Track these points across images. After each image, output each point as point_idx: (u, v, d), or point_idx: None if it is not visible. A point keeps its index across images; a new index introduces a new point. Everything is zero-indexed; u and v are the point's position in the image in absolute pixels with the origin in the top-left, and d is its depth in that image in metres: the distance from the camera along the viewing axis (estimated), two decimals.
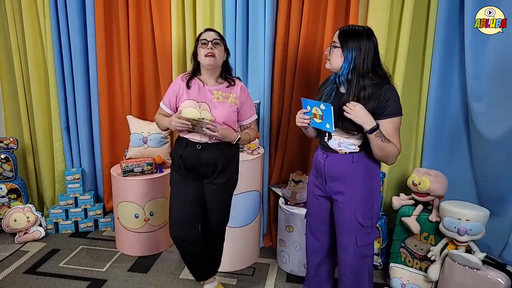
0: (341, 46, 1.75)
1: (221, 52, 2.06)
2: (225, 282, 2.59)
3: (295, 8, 2.67)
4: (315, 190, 1.99)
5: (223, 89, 2.11)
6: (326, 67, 1.85)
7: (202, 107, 2.06)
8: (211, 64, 2.03)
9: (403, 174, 2.76)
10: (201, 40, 2.05)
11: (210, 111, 2.06)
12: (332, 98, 1.84)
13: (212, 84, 2.11)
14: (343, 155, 1.84)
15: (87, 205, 3.21)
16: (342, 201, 1.86)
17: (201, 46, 2.04)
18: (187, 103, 2.07)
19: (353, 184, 1.84)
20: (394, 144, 1.74)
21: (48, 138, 3.30)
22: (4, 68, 3.26)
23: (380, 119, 1.73)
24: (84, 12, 2.98)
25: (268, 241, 3.05)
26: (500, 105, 2.31)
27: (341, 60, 1.76)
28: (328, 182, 1.90)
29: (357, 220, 1.84)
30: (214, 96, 2.08)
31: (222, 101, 2.08)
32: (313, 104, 1.78)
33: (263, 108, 2.85)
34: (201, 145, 2.08)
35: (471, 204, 2.30)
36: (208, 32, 2.09)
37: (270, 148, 2.96)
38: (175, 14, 2.83)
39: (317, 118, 1.79)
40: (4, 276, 2.61)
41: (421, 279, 2.39)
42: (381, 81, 1.75)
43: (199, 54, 2.06)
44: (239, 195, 2.58)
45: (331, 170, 1.87)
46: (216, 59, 2.04)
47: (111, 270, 2.71)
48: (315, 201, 2.00)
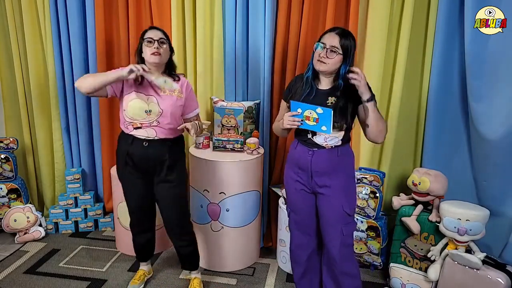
0: (343, 52, 1.79)
1: (166, 50, 2.12)
2: (225, 282, 2.59)
3: (295, 8, 2.67)
4: (297, 186, 2.01)
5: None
6: (320, 69, 1.85)
7: (150, 100, 2.11)
8: (157, 62, 2.08)
9: (403, 174, 2.76)
10: (146, 38, 2.08)
11: (158, 104, 2.10)
12: (313, 96, 1.89)
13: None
14: (329, 149, 1.90)
15: (87, 205, 3.21)
16: (329, 193, 1.92)
17: (147, 45, 2.08)
18: (134, 95, 2.11)
19: (338, 176, 1.91)
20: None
21: (48, 138, 3.30)
22: (4, 68, 3.26)
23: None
24: (84, 12, 2.98)
25: (268, 241, 3.05)
26: (500, 105, 2.31)
27: (340, 64, 1.81)
28: (314, 177, 1.93)
29: (344, 210, 1.91)
30: (161, 90, 2.12)
31: (169, 94, 2.13)
32: (306, 108, 1.81)
33: (263, 108, 2.86)
34: (148, 142, 2.12)
35: (471, 204, 2.30)
36: (153, 30, 2.12)
37: (270, 148, 2.96)
38: (175, 14, 2.84)
39: (310, 121, 1.81)
40: (4, 276, 2.60)
41: (421, 279, 2.39)
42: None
43: (144, 52, 2.10)
44: (239, 195, 2.58)
45: (319, 166, 1.91)
46: (162, 57, 2.09)
47: (111, 270, 2.71)
48: (298, 196, 2.02)
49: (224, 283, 2.58)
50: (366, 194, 2.56)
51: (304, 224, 2.07)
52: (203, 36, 2.83)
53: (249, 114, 2.85)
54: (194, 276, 2.47)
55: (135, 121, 2.11)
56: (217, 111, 2.83)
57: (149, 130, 2.11)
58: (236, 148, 2.68)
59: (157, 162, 2.15)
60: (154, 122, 2.11)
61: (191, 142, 2.97)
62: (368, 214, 2.58)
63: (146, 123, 2.10)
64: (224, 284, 2.57)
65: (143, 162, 2.15)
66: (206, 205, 2.60)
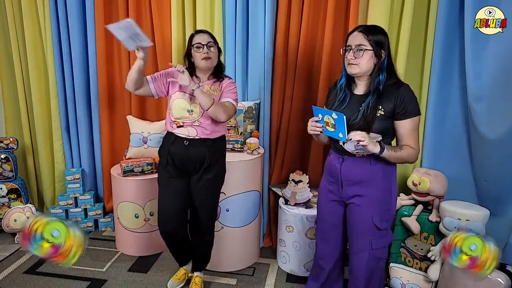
0: (372, 48, 1.69)
1: (215, 53, 2.15)
2: (225, 282, 2.59)
3: (295, 8, 2.67)
4: (329, 196, 1.93)
5: (212, 83, 2.20)
6: (352, 72, 1.75)
7: (193, 100, 2.13)
8: (209, 66, 2.13)
9: (403, 174, 2.76)
10: (195, 44, 2.11)
11: (199, 103, 2.11)
12: (347, 103, 1.80)
13: (203, 80, 2.20)
14: (360, 158, 1.79)
15: (87, 205, 3.21)
16: (359, 203, 1.82)
17: (196, 50, 2.11)
18: (178, 95, 2.15)
19: (371, 187, 1.79)
20: (409, 146, 1.72)
21: (48, 138, 3.30)
22: (4, 68, 3.26)
23: (400, 120, 1.72)
24: (84, 12, 2.98)
25: (268, 241, 3.05)
26: (500, 105, 2.30)
27: (373, 63, 1.71)
28: (345, 187, 1.85)
29: (373, 222, 1.80)
30: (204, 89, 2.14)
31: (212, 94, 2.15)
32: (325, 113, 1.73)
33: (263, 108, 2.85)
34: (189, 141, 2.13)
35: (471, 204, 2.30)
36: (201, 34, 2.13)
37: (270, 148, 2.96)
38: (175, 14, 2.83)
39: (330, 127, 1.73)
40: (4, 276, 2.61)
41: (421, 279, 2.39)
42: (396, 81, 1.75)
43: (194, 57, 2.14)
44: (239, 195, 2.58)
45: (349, 175, 1.82)
46: (213, 60, 2.13)
47: (111, 270, 2.71)
48: (328, 207, 1.96)
49: (224, 283, 2.58)
50: None
51: (328, 234, 2.00)
52: None
53: (249, 114, 2.85)
54: (196, 274, 2.48)
55: (179, 120, 2.14)
56: None
57: (191, 129, 2.14)
58: (236, 148, 2.68)
59: (197, 161, 2.16)
60: (196, 122, 2.13)
61: None
62: None
63: (188, 122, 2.13)
64: (224, 284, 2.57)
65: (184, 161, 2.17)
66: None
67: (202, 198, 2.24)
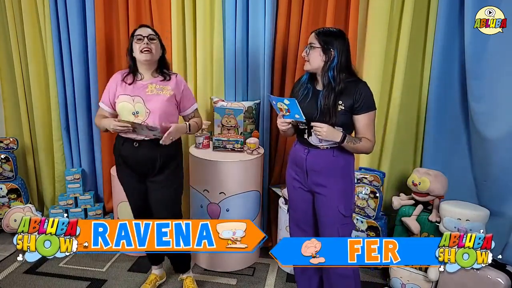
0: (321, 46, 1.83)
1: (157, 47, 2.09)
2: (225, 282, 2.59)
3: (295, 8, 2.67)
4: (295, 184, 2.04)
5: (158, 82, 2.13)
6: (305, 69, 1.92)
7: (136, 101, 2.07)
8: (148, 59, 2.06)
9: (403, 174, 2.76)
10: (136, 35, 2.07)
11: (144, 104, 2.07)
12: (310, 97, 1.92)
13: (147, 79, 2.13)
14: (324, 150, 1.92)
15: (87, 205, 3.21)
16: (324, 193, 1.94)
17: (137, 42, 2.06)
18: (121, 98, 2.10)
19: (334, 177, 1.93)
20: (367, 139, 1.86)
21: (48, 138, 3.29)
22: (4, 68, 3.25)
23: (358, 114, 1.86)
24: (84, 12, 2.97)
25: (268, 241, 3.05)
26: (500, 105, 2.31)
27: (321, 60, 1.84)
28: (310, 176, 1.96)
29: (339, 211, 1.93)
30: (148, 89, 2.09)
31: (156, 93, 2.09)
32: (278, 100, 1.85)
33: (263, 108, 2.86)
34: (138, 143, 2.09)
35: (471, 204, 2.30)
36: (143, 28, 2.11)
37: (270, 148, 2.96)
38: (175, 14, 2.83)
39: (284, 112, 1.86)
40: (4, 276, 2.61)
41: (421, 279, 2.39)
42: (355, 79, 1.87)
43: (134, 50, 2.08)
44: (239, 195, 2.58)
45: (314, 165, 1.94)
46: (153, 54, 2.06)
47: (111, 270, 2.71)
48: (296, 194, 2.06)
49: (224, 283, 2.58)
50: (366, 194, 2.56)
51: (301, 221, 2.09)
52: (203, 36, 2.83)
53: (249, 114, 2.85)
54: (186, 276, 2.47)
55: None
56: (217, 111, 2.83)
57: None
58: (236, 148, 2.68)
59: (148, 162, 2.12)
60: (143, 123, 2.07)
61: (192, 142, 2.97)
62: (368, 214, 2.59)
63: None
64: (224, 284, 2.57)
65: (135, 163, 2.13)
66: (206, 205, 2.60)
67: (158, 199, 2.18)
